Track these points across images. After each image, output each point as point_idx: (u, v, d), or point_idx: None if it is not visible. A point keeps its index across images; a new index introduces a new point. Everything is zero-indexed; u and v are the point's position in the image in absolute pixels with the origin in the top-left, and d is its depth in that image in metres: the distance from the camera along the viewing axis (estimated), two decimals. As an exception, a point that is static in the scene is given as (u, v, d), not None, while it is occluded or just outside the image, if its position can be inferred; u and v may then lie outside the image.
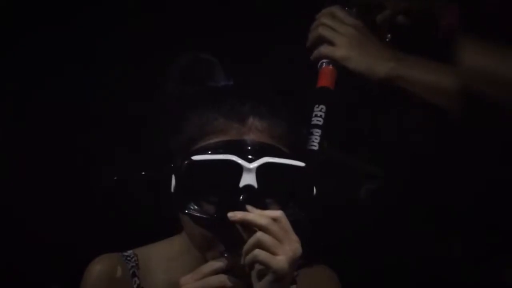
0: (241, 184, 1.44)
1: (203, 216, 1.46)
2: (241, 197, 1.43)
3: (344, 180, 1.87)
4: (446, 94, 1.58)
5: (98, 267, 1.56)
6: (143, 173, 1.54)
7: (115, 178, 1.69)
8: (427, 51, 1.65)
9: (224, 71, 1.56)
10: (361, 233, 1.89)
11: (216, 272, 1.44)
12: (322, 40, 1.65)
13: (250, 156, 1.44)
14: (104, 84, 2.11)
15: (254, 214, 1.41)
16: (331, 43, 1.64)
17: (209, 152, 1.46)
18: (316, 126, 1.58)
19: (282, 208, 1.46)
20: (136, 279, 1.57)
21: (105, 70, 2.11)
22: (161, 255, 1.60)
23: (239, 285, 1.44)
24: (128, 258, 1.59)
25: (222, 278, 1.43)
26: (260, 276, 1.39)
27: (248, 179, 1.44)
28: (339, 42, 1.63)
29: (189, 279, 1.44)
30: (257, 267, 1.39)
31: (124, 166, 1.91)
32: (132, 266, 1.58)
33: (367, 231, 1.89)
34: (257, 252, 1.39)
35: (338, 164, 1.81)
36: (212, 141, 1.47)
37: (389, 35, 1.69)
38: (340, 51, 1.62)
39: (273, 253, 1.38)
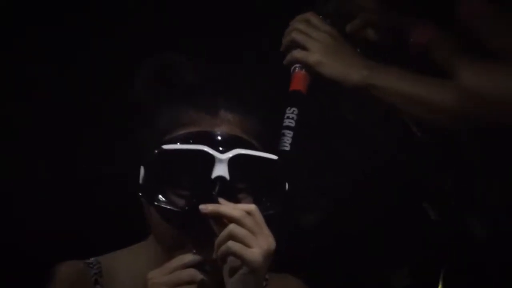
0: (213, 175, 1.42)
1: (173, 208, 1.43)
2: (213, 189, 1.41)
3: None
4: (419, 103, 1.61)
5: (59, 274, 1.53)
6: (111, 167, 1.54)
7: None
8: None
9: (196, 70, 1.58)
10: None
11: (186, 266, 1.39)
12: (295, 45, 1.68)
13: (222, 148, 1.43)
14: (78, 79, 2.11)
15: (226, 207, 1.39)
16: (304, 48, 1.67)
17: (180, 142, 1.45)
18: (288, 127, 1.61)
19: (254, 202, 1.44)
20: (98, 286, 1.53)
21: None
22: (126, 262, 1.56)
23: (209, 279, 1.40)
24: (91, 265, 1.55)
25: (192, 272, 1.38)
26: (233, 269, 1.36)
27: (220, 170, 1.42)
28: (313, 47, 1.65)
29: (157, 273, 1.39)
30: (230, 260, 1.36)
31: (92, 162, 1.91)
32: (95, 274, 1.54)
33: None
34: (231, 244, 1.36)
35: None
36: (183, 131, 1.47)
37: (358, 50, 1.72)
38: (313, 56, 1.65)
39: (247, 245, 1.35)
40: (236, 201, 1.43)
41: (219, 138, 1.45)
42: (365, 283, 1.91)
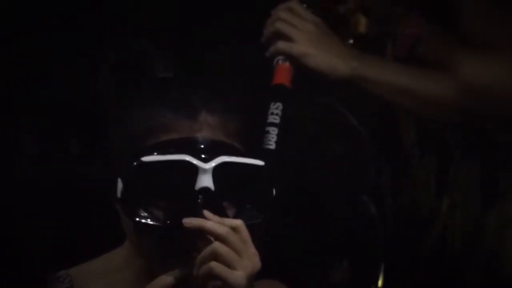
0: (197, 186, 1.32)
1: (155, 224, 1.33)
2: (197, 201, 1.31)
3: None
4: (408, 94, 1.58)
5: None
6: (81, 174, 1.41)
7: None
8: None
9: (165, 62, 1.46)
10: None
11: (169, 287, 1.30)
12: (279, 36, 1.60)
13: (204, 155, 1.33)
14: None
15: (212, 223, 1.30)
16: (288, 39, 1.59)
17: (160, 152, 1.33)
18: (273, 124, 1.54)
19: (239, 210, 1.37)
20: None
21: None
22: (99, 272, 1.44)
23: None
24: (61, 280, 1.43)
25: None
26: None
27: (204, 181, 1.32)
28: (298, 38, 1.58)
29: None
30: (212, 281, 1.28)
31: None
32: None
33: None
34: (213, 265, 1.27)
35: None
36: (161, 139, 1.34)
37: (351, 41, 1.67)
38: (298, 47, 1.58)
39: (231, 267, 1.27)
40: (222, 211, 1.34)
41: (201, 145, 1.34)
42: (303, 278, 1.87)
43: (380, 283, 1.88)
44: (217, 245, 1.28)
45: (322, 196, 1.90)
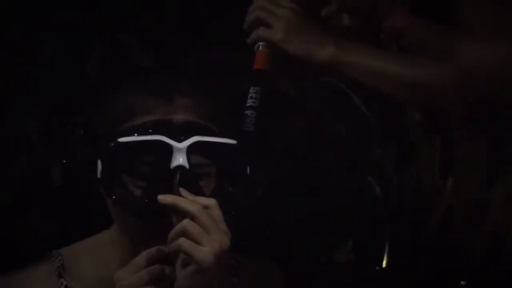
0: (172, 165, 1.37)
1: (132, 201, 1.39)
2: (172, 179, 1.36)
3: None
4: (389, 79, 1.57)
5: (25, 273, 1.47)
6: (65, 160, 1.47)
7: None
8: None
9: (146, 52, 1.51)
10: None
11: (151, 262, 1.33)
12: (259, 23, 1.62)
13: (179, 136, 1.39)
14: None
15: (184, 199, 1.35)
16: (268, 25, 1.61)
17: (136, 133, 1.39)
18: (251, 107, 1.55)
19: (215, 188, 1.42)
20: (62, 280, 1.48)
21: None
22: (88, 252, 1.50)
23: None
24: (53, 259, 1.49)
25: (160, 268, 1.33)
26: (184, 266, 1.33)
27: (179, 159, 1.37)
28: (277, 24, 1.59)
29: (123, 274, 1.33)
30: (182, 256, 1.32)
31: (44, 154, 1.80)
32: (58, 267, 1.48)
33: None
34: (182, 240, 1.31)
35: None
36: (138, 121, 1.41)
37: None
38: (277, 34, 1.59)
39: (198, 244, 1.31)
40: (198, 189, 1.39)
41: (176, 126, 1.41)
42: (308, 258, 1.89)
43: (384, 263, 1.88)
44: (186, 222, 1.33)
45: (326, 176, 1.91)
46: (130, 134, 1.40)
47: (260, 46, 1.61)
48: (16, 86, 1.95)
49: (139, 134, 1.39)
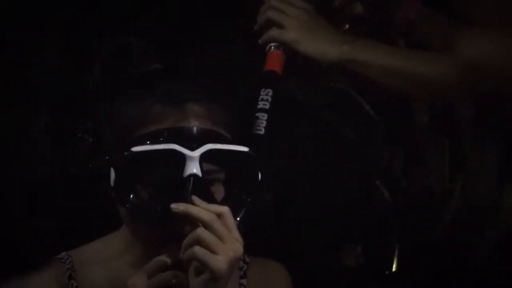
0: (185, 174, 1.37)
1: (146, 209, 1.39)
2: (185, 188, 1.37)
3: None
4: (402, 76, 1.57)
5: (35, 275, 1.47)
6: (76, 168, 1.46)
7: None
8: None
9: (151, 55, 1.49)
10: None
11: (163, 268, 1.35)
12: (271, 23, 1.61)
13: (192, 144, 1.38)
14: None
15: (198, 208, 1.35)
16: (280, 26, 1.60)
17: (149, 142, 1.39)
18: (262, 110, 1.55)
19: (227, 195, 1.42)
20: (73, 281, 1.48)
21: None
22: (98, 255, 1.51)
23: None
24: (62, 261, 1.50)
25: (173, 273, 1.34)
26: (197, 274, 1.33)
27: (192, 168, 1.37)
28: (288, 24, 1.59)
29: (137, 279, 1.34)
30: (195, 264, 1.33)
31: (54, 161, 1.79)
32: (68, 269, 1.48)
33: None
34: (196, 249, 1.32)
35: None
36: (150, 129, 1.41)
37: (347, 26, 1.67)
38: (289, 34, 1.59)
39: (212, 252, 1.32)
40: (210, 196, 1.39)
41: (188, 134, 1.41)
42: (317, 263, 1.88)
43: (394, 267, 1.87)
44: (200, 230, 1.33)
45: (335, 180, 1.91)
46: (142, 142, 1.39)
47: (272, 47, 1.61)
48: (20, 90, 1.94)
49: (151, 143, 1.39)
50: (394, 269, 1.87)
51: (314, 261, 1.88)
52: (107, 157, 1.42)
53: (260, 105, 1.56)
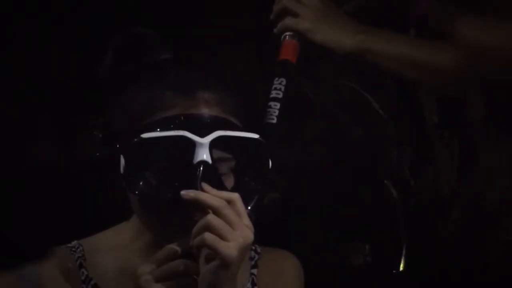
0: (195, 160, 1.36)
1: (155, 196, 1.38)
2: (195, 174, 1.35)
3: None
4: (417, 65, 1.57)
5: (46, 263, 1.45)
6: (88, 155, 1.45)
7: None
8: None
9: (163, 44, 1.49)
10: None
11: (173, 257, 1.33)
12: (286, 12, 1.61)
13: (202, 131, 1.37)
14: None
15: (207, 195, 1.33)
16: (295, 15, 1.60)
17: (159, 129, 1.38)
18: (275, 99, 1.54)
19: (237, 182, 1.41)
20: (83, 270, 1.46)
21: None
22: (109, 244, 1.49)
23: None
24: (73, 249, 1.48)
25: (183, 262, 1.32)
26: (207, 260, 1.31)
27: (201, 154, 1.36)
28: (304, 14, 1.59)
29: (147, 268, 1.33)
30: (205, 251, 1.31)
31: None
32: (79, 257, 1.47)
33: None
34: (206, 235, 1.30)
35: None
36: (160, 116, 1.40)
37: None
38: (304, 23, 1.59)
39: (223, 238, 1.30)
40: (220, 183, 1.38)
41: (198, 120, 1.40)
42: (325, 262, 1.87)
43: (401, 266, 1.86)
44: (210, 217, 1.31)
45: (344, 180, 1.90)
46: (152, 129, 1.38)
47: (287, 36, 1.60)
48: (29, 82, 1.93)
49: (161, 130, 1.38)
50: (401, 268, 1.85)
51: (322, 261, 1.87)
52: (117, 145, 1.41)
53: (273, 94, 1.55)
